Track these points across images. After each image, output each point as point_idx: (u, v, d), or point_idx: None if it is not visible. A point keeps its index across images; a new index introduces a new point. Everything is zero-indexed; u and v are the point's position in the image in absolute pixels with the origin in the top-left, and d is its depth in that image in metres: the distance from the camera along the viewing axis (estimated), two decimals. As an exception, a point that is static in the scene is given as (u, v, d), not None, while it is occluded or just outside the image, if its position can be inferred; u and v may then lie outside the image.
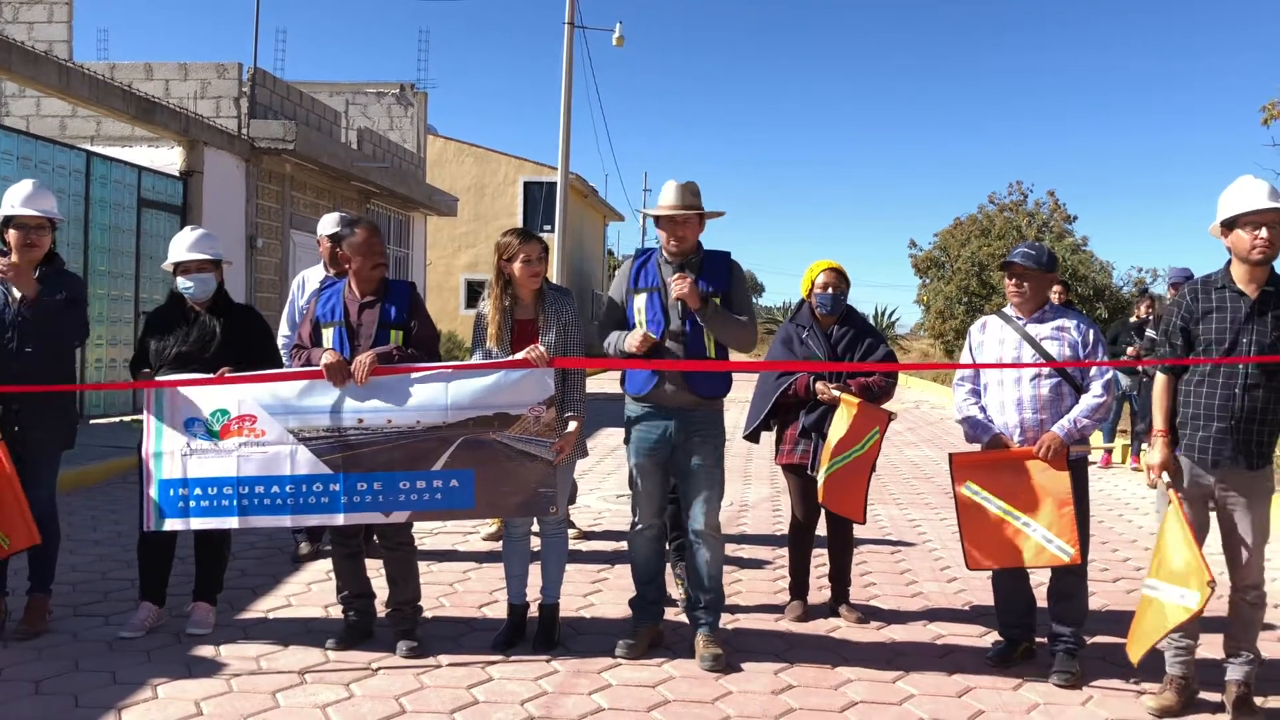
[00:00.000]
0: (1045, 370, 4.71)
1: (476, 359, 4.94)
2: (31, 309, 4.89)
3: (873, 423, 5.14)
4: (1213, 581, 3.90)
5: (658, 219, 4.87)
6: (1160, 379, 4.42)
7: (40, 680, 4.39)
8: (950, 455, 4.87)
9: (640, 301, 4.87)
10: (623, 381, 4.97)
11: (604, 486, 9.74)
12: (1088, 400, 4.67)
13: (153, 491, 4.77)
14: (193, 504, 4.74)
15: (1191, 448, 4.27)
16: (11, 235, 4.97)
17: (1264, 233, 4.12)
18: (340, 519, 4.74)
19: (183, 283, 5.10)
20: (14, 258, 4.94)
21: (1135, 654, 4.20)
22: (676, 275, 4.74)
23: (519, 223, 35.03)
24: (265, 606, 5.55)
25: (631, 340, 4.79)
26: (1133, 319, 11.71)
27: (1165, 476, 4.28)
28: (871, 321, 5.65)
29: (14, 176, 10.70)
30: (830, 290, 5.50)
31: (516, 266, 4.87)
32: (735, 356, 5.20)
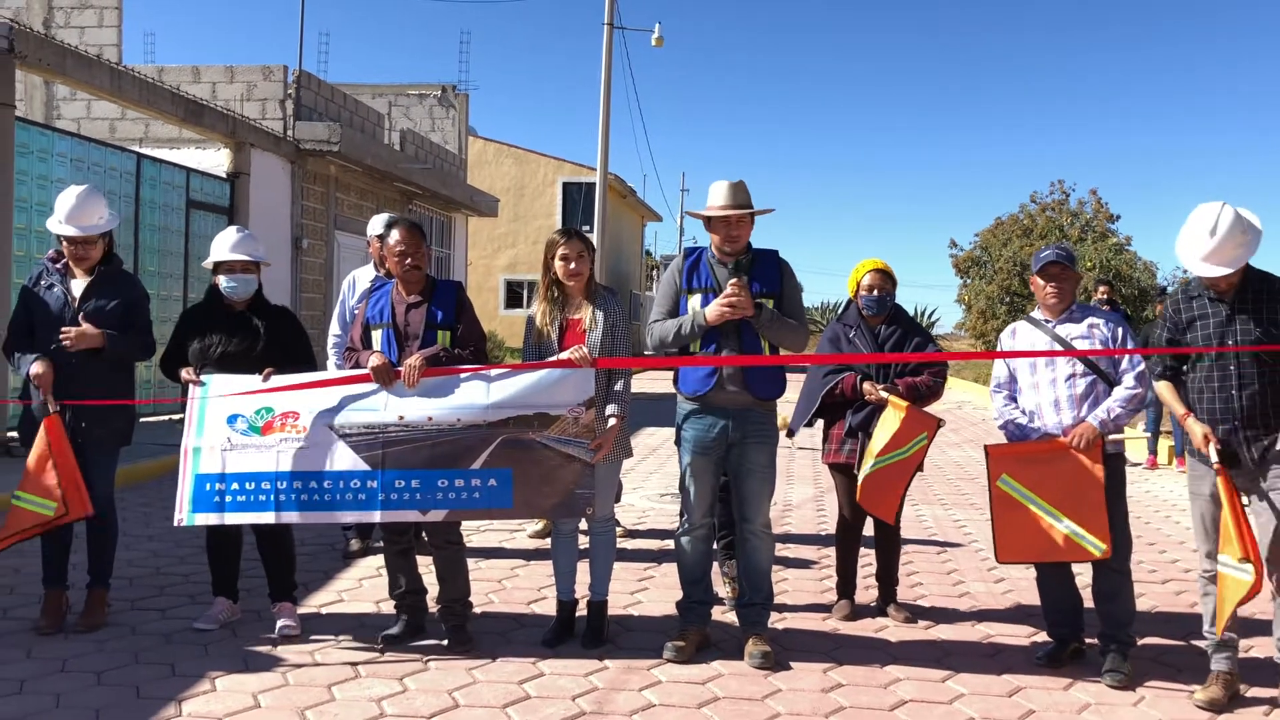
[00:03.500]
0: (1079, 369, 4.72)
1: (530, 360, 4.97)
2: (91, 319, 4.99)
3: (921, 428, 5.14)
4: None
5: (709, 220, 4.86)
6: (1159, 385, 4.58)
7: (101, 672, 4.48)
8: (986, 447, 4.86)
9: (695, 302, 4.85)
10: (676, 381, 4.97)
11: (647, 485, 9.78)
12: (1121, 392, 4.68)
13: (186, 485, 4.78)
14: (229, 499, 4.74)
15: (1204, 454, 4.30)
16: (65, 246, 5.10)
17: (1220, 283, 4.28)
18: (377, 516, 4.76)
19: (225, 281, 5.15)
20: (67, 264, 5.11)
21: (1217, 627, 4.28)
22: (731, 283, 4.67)
23: (558, 223, 35.14)
24: (318, 602, 5.63)
25: (714, 307, 4.67)
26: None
27: (1213, 451, 4.26)
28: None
29: (68, 178, 10.89)
30: (875, 292, 5.49)
31: (557, 264, 4.92)
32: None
